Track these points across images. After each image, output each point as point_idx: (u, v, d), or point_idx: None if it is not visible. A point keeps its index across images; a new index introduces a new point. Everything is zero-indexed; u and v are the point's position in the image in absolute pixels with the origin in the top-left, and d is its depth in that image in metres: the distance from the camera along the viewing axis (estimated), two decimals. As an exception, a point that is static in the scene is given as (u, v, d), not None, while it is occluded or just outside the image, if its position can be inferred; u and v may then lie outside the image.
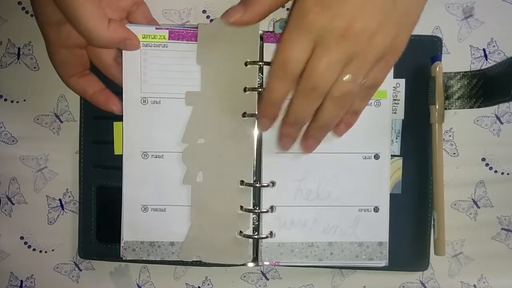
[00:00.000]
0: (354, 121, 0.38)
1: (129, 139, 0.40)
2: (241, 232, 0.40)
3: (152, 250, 0.41)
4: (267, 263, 0.41)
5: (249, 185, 0.40)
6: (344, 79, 0.33)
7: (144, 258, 0.41)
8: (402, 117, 0.41)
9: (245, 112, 0.39)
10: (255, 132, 0.40)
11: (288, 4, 0.42)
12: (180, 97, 0.40)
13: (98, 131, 0.42)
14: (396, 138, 0.41)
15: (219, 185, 0.40)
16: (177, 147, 0.40)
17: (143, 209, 0.40)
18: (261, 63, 0.39)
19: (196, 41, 0.39)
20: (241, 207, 0.40)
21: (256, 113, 0.39)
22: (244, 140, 0.40)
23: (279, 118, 0.38)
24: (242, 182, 0.40)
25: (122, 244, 0.40)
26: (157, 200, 0.40)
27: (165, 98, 0.40)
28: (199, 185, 0.40)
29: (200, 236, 0.40)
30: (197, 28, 0.39)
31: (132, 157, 0.40)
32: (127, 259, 0.41)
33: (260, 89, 0.39)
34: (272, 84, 0.35)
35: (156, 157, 0.40)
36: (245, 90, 0.39)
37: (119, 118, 0.41)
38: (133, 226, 0.40)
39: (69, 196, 0.43)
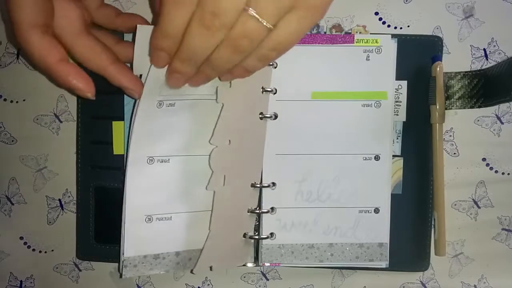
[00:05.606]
0: (242, 76, 0.34)
1: (136, 143, 0.37)
2: (244, 234, 0.40)
3: (155, 264, 0.39)
4: (268, 264, 0.41)
5: (253, 186, 0.40)
6: (249, 11, 0.27)
7: (145, 273, 0.39)
8: (404, 119, 0.41)
9: (261, 113, 0.39)
10: (267, 133, 0.39)
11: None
12: (193, 99, 0.38)
13: (96, 131, 0.41)
14: (397, 139, 0.41)
15: (236, 188, 0.39)
16: (184, 151, 0.38)
17: (147, 219, 0.38)
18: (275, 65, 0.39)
19: None
20: (248, 209, 0.40)
21: (268, 115, 0.39)
22: (259, 142, 0.39)
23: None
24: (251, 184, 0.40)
25: (122, 261, 0.38)
26: (162, 208, 0.38)
27: (180, 101, 0.38)
28: (221, 190, 0.38)
29: (217, 244, 0.39)
30: None
31: (137, 163, 0.37)
32: (127, 277, 0.38)
33: (271, 91, 0.39)
34: (168, 10, 0.29)
35: (162, 161, 0.38)
36: (262, 90, 0.39)
37: (118, 118, 0.41)
38: (136, 240, 0.38)
39: (69, 196, 0.43)
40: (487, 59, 0.42)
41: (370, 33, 0.41)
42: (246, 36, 0.28)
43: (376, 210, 0.41)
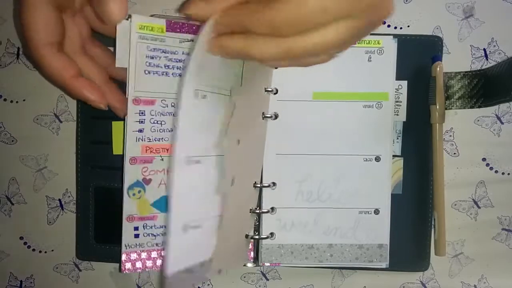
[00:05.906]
0: None
1: (181, 140, 0.32)
2: (246, 234, 0.40)
3: (185, 278, 0.34)
4: (268, 264, 0.41)
5: (254, 186, 0.40)
6: None
7: None
8: (404, 119, 0.41)
9: (263, 112, 0.39)
10: (267, 133, 0.39)
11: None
12: (220, 93, 0.35)
13: (96, 131, 0.41)
14: (397, 139, 0.41)
15: (241, 188, 0.38)
16: (213, 150, 0.35)
17: (183, 229, 0.33)
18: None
19: None
20: (250, 209, 0.40)
21: (269, 115, 0.39)
22: (260, 141, 0.39)
23: None
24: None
25: (166, 283, 0.32)
26: (195, 214, 0.34)
27: (210, 93, 0.34)
28: (231, 191, 0.36)
29: (225, 246, 0.37)
30: None
31: (180, 164, 0.32)
32: None
33: (272, 91, 0.39)
34: (251, 22, 0.28)
35: (197, 162, 0.33)
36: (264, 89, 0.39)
37: (118, 117, 0.40)
38: (177, 254, 0.33)
39: (69, 196, 0.43)
40: (487, 59, 0.42)
41: (370, 34, 0.41)
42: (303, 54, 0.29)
43: (376, 211, 0.41)
